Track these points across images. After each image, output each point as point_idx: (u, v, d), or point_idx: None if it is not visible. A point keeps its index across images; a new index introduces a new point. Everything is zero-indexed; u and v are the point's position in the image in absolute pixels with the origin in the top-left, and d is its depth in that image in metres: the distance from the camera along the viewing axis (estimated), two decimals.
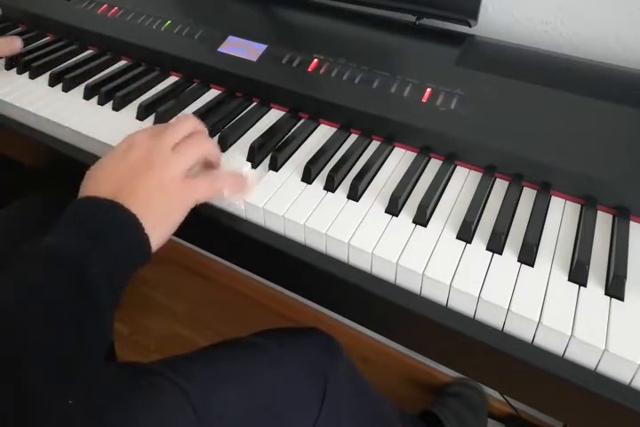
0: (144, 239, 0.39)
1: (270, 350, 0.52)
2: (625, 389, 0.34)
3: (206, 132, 0.47)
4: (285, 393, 0.47)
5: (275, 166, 0.48)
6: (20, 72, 0.62)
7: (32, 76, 0.61)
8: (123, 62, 0.64)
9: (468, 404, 0.90)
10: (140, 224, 0.39)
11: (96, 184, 0.41)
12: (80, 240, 0.37)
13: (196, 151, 0.44)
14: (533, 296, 0.37)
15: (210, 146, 0.46)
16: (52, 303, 0.35)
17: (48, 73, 0.60)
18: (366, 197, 0.45)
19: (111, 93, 0.56)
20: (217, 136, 0.51)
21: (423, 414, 0.90)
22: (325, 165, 0.49)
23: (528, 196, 0.45)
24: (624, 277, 0.37)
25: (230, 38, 0.58)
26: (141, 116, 0.54)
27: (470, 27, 0.54)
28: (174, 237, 0.44)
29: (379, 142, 0.51)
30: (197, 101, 0.57)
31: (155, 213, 0.40)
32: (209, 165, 0.47)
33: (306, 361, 0.51)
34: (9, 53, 0.63)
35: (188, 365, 0.50)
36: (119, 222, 0.38)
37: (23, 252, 0.38)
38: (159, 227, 0.40)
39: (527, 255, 0.39)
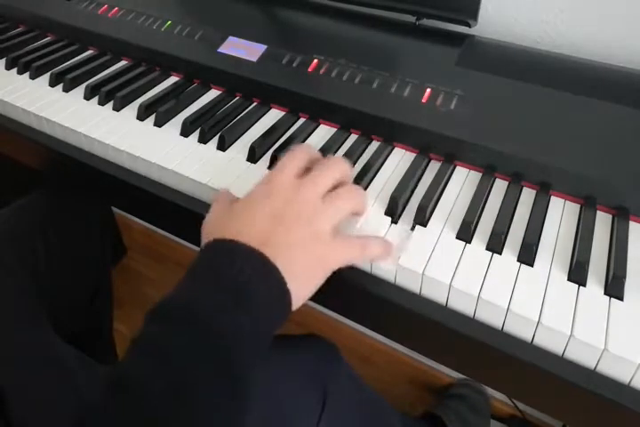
0: (286, 298, 0.34)
1: (270, 363, 0.52)
2: (625, 389, 0.34)
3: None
4: (286, 406, 0.47)
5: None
6: (20, 72, 0.62)
7: (32, 77, 0.61)
8: (123, 62, 0.64)
9: (471, 406, 0.90)
10: (284, 279, 0.34)
11: (235, 232, 0.35)
12: (218, 295, 0.32)
13: (348, 205, 0.39)
14: (533, 296, 0.37)
15: (362, 199, 0.41)
16: (188, 374, 0.30)
17: (49, 73, 0.60)
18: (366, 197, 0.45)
19: (112, 94, 0.56)
20: (217, 137, 0.51)
21: (425, 415, 0.90)
22: None
23: (528, 196, 0.45)
24: (623, 276, 0.37)
25: (230, 39, 0.58)
26: (142, 116, 0.54)
27: (470, 27, 0.54)
28: (173, 237, 0.44)
29: (379, 142, 0.51)
30: (197, 102, 0.57)
31: (297, 272, 0.35)
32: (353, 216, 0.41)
33: (305, 373, 0.51)
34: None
35: None
36: (262, 274, 0.33)
37: (152, 311, 0.33)
38: (301, 287, 0.35)
39: (527, 255, 0.39)
